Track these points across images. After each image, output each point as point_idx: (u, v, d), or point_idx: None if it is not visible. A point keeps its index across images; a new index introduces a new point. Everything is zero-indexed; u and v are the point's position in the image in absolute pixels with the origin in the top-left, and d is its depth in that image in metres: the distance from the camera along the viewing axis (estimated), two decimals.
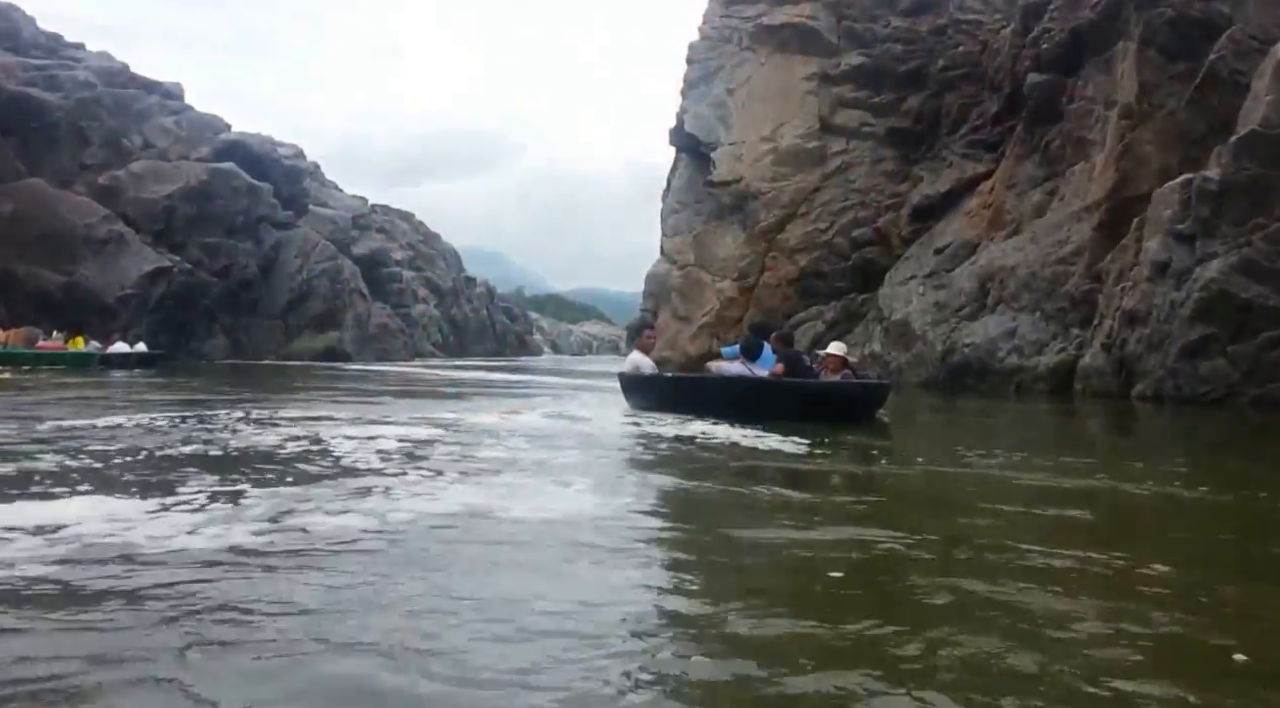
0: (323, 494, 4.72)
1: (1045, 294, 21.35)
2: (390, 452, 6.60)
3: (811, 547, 3.86)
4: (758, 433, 8.45)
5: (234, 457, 6.39)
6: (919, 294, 25.36)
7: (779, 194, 29.25)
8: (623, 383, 12.77)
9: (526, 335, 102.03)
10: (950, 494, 5.61)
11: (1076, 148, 22.25)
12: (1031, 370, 20.93)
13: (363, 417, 9.85)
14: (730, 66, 31.07)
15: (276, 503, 4.41)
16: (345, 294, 49.33)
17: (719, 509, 4.93)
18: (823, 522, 4.47)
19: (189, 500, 4.47)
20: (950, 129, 28.05)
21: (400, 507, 4.40)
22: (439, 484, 5.17)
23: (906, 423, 12.47)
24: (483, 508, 4.43)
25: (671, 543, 4.09)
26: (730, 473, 6.28)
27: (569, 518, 4.28)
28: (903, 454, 8.04)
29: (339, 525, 3.98)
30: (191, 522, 3.97)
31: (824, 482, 6.34)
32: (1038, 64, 23.52)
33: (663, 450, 7.54)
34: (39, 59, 38.58)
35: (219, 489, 4.84)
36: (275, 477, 5.35)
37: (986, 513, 4.80)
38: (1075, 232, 21.18)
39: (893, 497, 5.69)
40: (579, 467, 6.15)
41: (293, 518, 4.10)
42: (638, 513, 4.59)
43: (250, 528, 3.86)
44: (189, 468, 5.71)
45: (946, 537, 4.10)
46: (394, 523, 4.04)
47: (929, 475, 6.48)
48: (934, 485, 6.07)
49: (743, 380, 10.82)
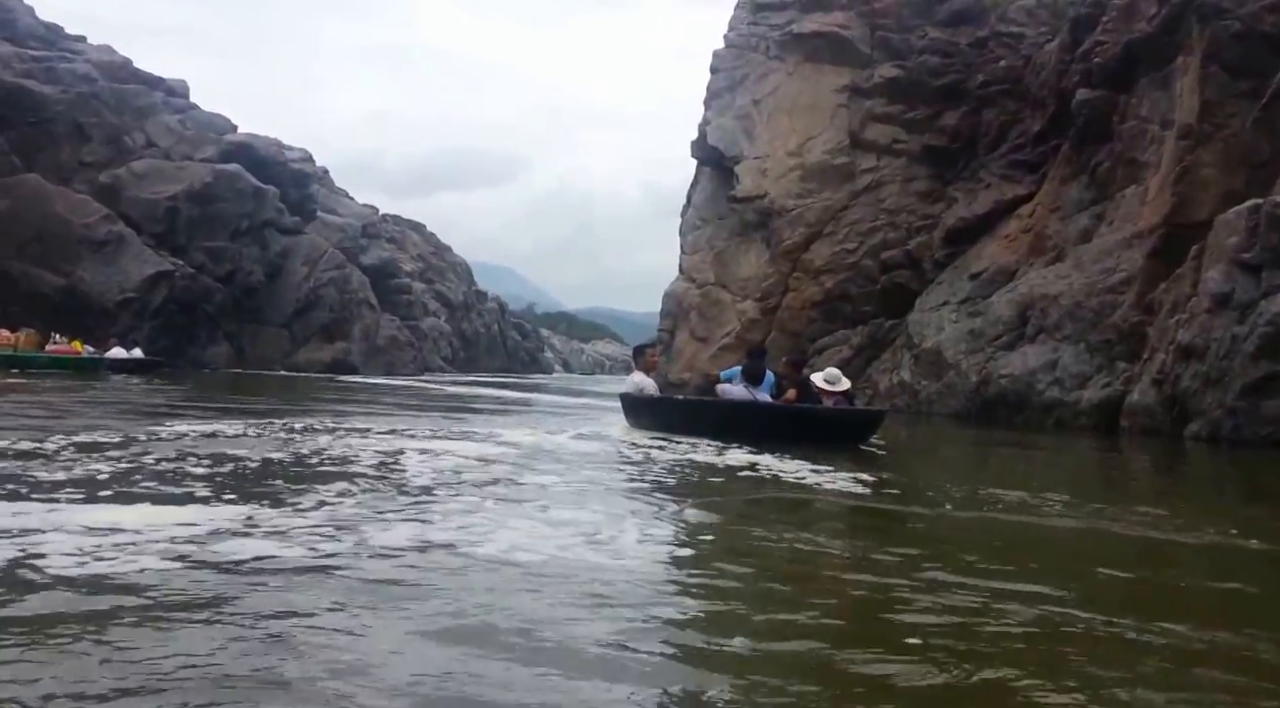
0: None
1: (1090, 325, 19.92)
2: (453, 472, 6.74)
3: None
4: (797, 463, 8.36)
5: (307, 470, 6.60)
6: (952, 321, 23.95)
7: (805, 211, 27.86)
8: (625, 403, 12.94)
9: (538, 353, 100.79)
10: (1004, 540, 5.29)
11: (1128, 170, 20.83)
12: (1073, 405, 19.51)
13: (423, 430, 10.36)
14: (756, 76, 29.74)
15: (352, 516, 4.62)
16: (353, 304, 48.14)
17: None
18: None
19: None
20: (988, 148, 26.63)
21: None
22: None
23: (943, 457, 11.98)
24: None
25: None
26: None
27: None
28: (946, 493, 7.23)
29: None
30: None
31: (874, 526, 5.90)
32: (1087, 80, 22.11)
33: (715, 482, 7.44)
34: (37, 50, 37.48)
35: (318, 499, 5.08)
36: (342, 492, 5.44)
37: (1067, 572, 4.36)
38: (1125, 259, 19.76)
39: (944, 542, 5.25)
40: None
41: (360, 534, 4.20)
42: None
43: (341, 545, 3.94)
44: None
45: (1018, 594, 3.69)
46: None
47: (982, 521, 5.90)
48: (987, 533, 5.55)
49: (746, 405, 11.17)
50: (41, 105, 36.11)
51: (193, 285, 38.02)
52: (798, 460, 8.49)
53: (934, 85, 27.30)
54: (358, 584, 3.33)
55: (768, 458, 8.71)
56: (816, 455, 8.79)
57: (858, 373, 26.97)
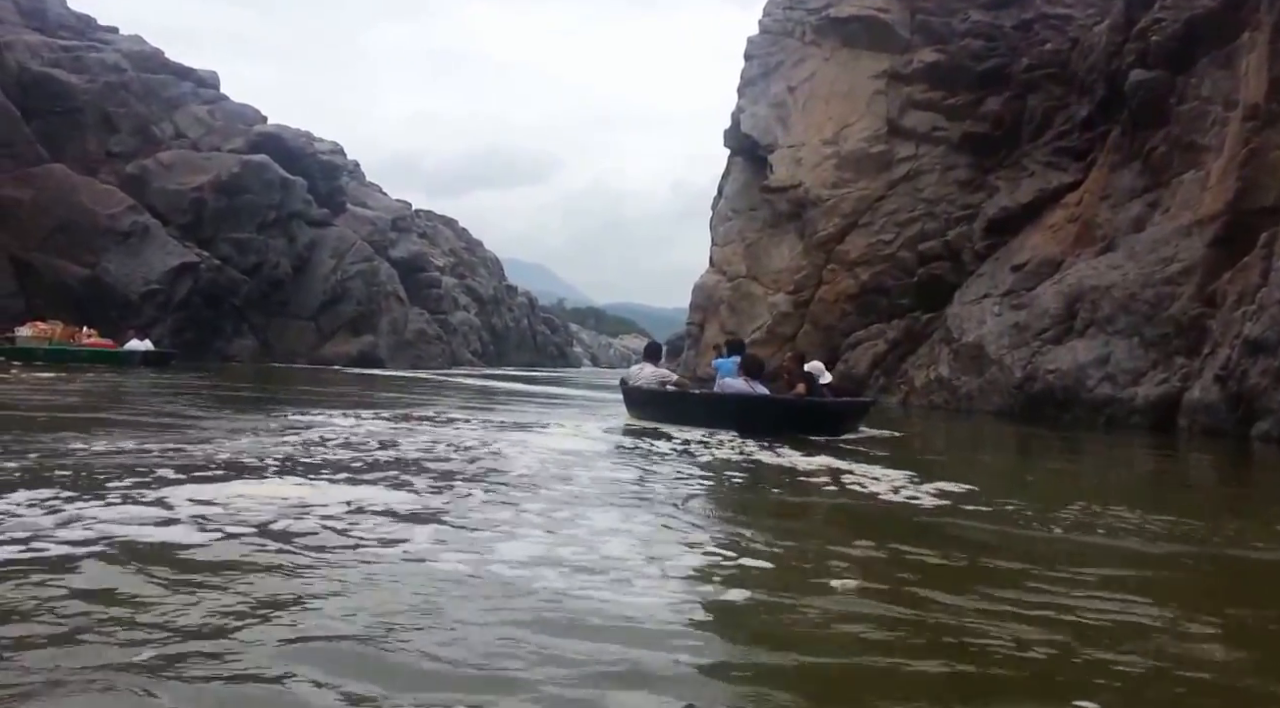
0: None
1: (1145, 318, 18.81)
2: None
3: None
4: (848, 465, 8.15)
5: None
6: (994, 314, 22.89)
7: (840, 202, 26.87)
8: (633, 395, 13.43)
9: (567, 347, 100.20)
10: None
11: (1186, 154, 19.69)
12: (1126, 403, 18.43)
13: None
14: (792, 62, 28.75)
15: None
16: (381, 297, 47.56)
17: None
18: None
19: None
20: (1032, 135, 25.49)
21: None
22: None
23: (998, 463, 11.11)
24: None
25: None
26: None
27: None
28: (1017, 507, 6.30)
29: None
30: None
31: (978, 542, 4.94)
32: (1142, 60, 20.97)
33: (787, 483, 7.17)
34: (67, 40, 37.14)
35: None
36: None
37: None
38: (1184, 248, 18.63)
39: (1037, 564, 4.33)
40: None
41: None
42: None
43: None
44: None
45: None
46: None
47: (1067, 545, 5.05)
48: (1079, 559, 4.58)
49: (750, 397, 11.76)
50: (69, 94, 35.72)
51: (218, 277, 37.56)
52: (857, 462, 8.26)
53: (976, 70, 26.20)
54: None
55: (823, 458, 8.54)
56: (869, 455, 8.71)
57: (893, 368, 26.04)
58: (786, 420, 11.30)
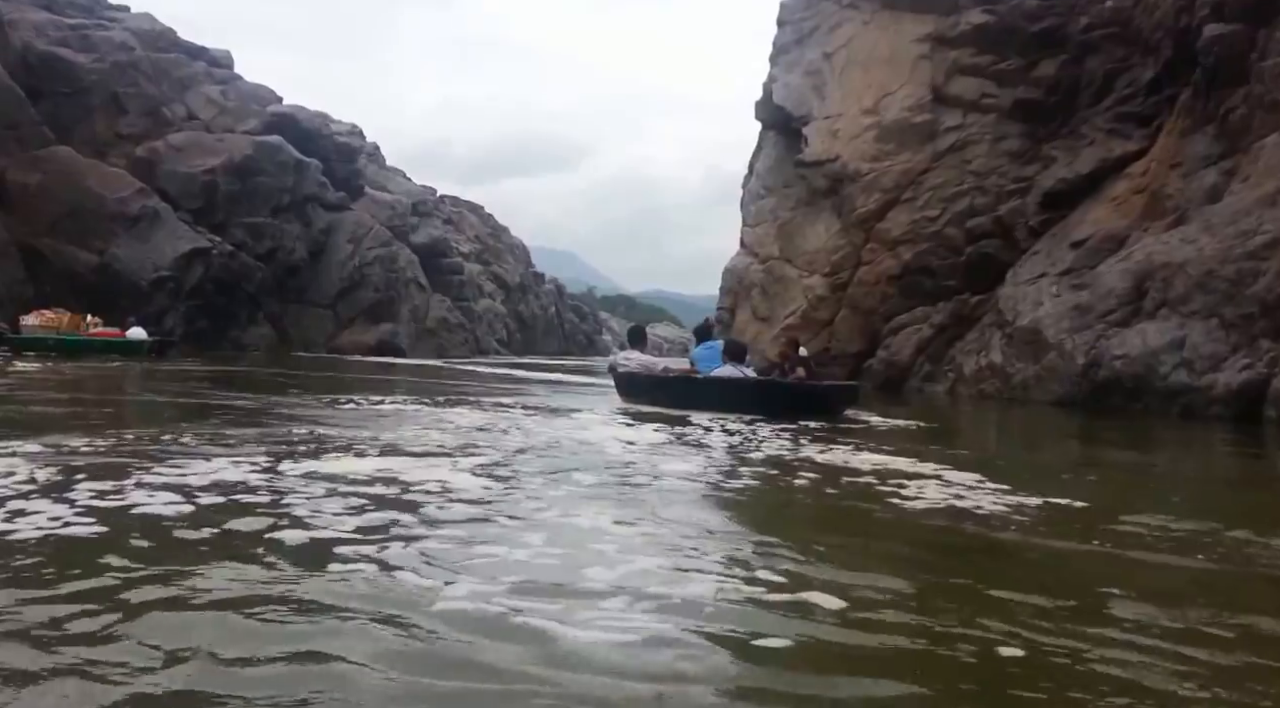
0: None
1: (1225, 297, 17.00)
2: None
3: None
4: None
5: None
6: (1052, 295, 21.09)
7: (881, 176, 25.07)
8: (628, 381, 13.72)
9: (595, 335, 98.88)
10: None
11: (1269, 116, 17.81)
12: (1204, 391, 16.63)
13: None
14: (828, 27, 26.95)
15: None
16: (400, 284, 46.31)
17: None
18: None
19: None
20: (1091, 100, 23.57)
21: None
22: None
23: (1076, 461, 9.57)
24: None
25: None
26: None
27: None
28: (1112, 516, 5.10)
29: None
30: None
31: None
32: (1218, 13, 19.09)
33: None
34: (74, 18, 35.96)
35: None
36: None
37: None
38: (1268, 219, 16.79)
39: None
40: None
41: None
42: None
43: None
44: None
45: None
46: None
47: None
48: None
49: (743, 381, 12.33)
50: (76, 74, 34.57)
51: (231, 264, 36.38)
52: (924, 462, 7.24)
53: (1029, 32, 24.27)
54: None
55: (867, 454, 7.71)
56: (939, 454, 7.89)
57: (939, 355, 24.31)
58: (796, 404, 11.89)
